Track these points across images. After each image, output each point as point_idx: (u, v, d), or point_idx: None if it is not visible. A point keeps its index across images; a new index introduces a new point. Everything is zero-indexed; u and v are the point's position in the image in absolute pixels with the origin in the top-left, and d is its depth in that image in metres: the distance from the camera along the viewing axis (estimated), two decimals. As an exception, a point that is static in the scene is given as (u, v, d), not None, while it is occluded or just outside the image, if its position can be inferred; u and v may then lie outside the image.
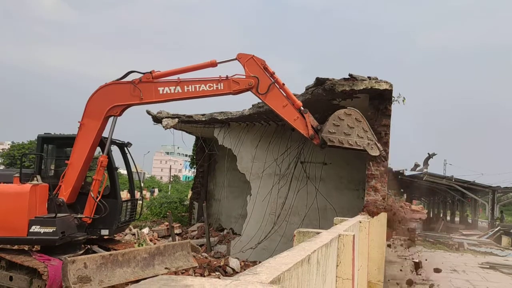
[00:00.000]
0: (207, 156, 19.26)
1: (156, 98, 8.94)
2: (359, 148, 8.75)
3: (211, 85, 8.71)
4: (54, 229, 8.30)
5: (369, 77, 10.16)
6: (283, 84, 8.87)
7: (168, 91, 8.79)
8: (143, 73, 8.90)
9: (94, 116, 8.99)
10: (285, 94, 8.80)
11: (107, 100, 8.97)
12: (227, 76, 8.71)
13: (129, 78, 9.11)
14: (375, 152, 8.87)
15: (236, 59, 8.80)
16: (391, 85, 10.02)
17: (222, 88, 8.72)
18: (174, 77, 8.90)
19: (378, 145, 8.94)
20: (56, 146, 10.49)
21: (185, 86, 8.74)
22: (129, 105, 9.14)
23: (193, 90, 8.75)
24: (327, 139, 8.56)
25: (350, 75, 10.24)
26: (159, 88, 8.81)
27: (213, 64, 8.88)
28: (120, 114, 9.14)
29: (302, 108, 8.77)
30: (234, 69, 8.95)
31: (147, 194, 38.75)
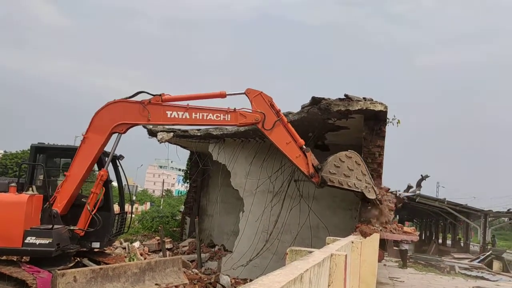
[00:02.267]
0: (201, 171, 19.24)
1: (163, 121, 9.17)
2: (357, 190, 9.09)
3: (219, 115, 8.93)
4: (51, 241, 8.22)
5: (364, 98, 10.29)
6: (288, 122, 9.17)
7: (176, 116, 8.95)
8: (153, 95, 9.04)
9: (99, 131, 9.02)
10: (289, 132, 9.04)
11: (114, 117, 9.04)
12: (235, 108, 8.93)
13: (138, 98, 9.22)
14: (372, 196, 9.19)
15: (244, 93, 9.04)
16: (386, 107, 10.15)
17: (229, 119, 8.97)
18: (184, 103, 9.04)
19: (375, 188, 9.28)
20: (48, 156, 10.45)
21: (193, 113, 8.92)
22: (135, 124, 9.24)
23: (200, 117, 8.95)
24: (328, 179, 8.86)
25: (345, 95, 10.36)
26: (167, 112, 8.96)
27: (222, 95, 9.10)
28: (125, 132, 9.22)
29: (304, 146, 9.02)
30: (239, 99, 9.23)
31: (138, 207, 38.42)
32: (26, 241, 8.21)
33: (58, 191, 9.05)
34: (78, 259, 10.14)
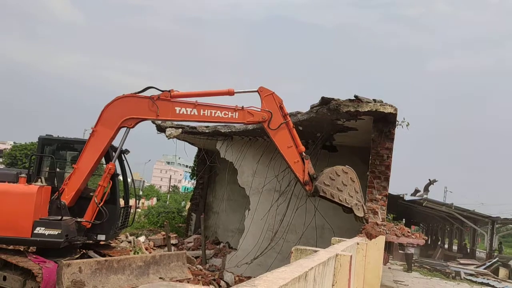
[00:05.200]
0: (208, 168, 19.27)
1: (172, 116, 9.21)
2: (347, 205, 9.21)
3: (227, 113, 9.00)
4: (59, 232, 8.28)
5: (374, 100, 10.23)
6: (293, 127, 9.21)
7: (185, 112, 9.01)
8: (162, 91, 9.09)
9: (108, 125, 9.09)
10: (292, 136, 9.09)
11: (123, 111, 9.10)
12: (242, 106, 8.98)
13: (147, 93, 9.28)
14: (360, 213, 9.32)
15: (256, 91, 9.13)
16: (395, 109, 10.08)
17: (236, 117, 9.03)
18: (192, 99, 9.09)
19: (365, 207, 9.45)
20: (55, 148, 10.52)
21: (202, 110, 8.98)
22: (144, 119, 9.30)
23: (208, 114, 9.00)
24: (321, 190, 8.95)
25: (355, 96, 10.31)
26: (176, 108, 9.01)
27: (230, 93, 9.20)
28: (133, 126, 9.28)
29: (303, 153, 9.11)
30: (247, 97, 9.32)
31: (145, 202, 38.63)
32: (35, 231, 8.27)
33: (66, 183, 9.12)
34: (84, 251, 10.22)
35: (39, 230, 8.26)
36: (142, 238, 17.10)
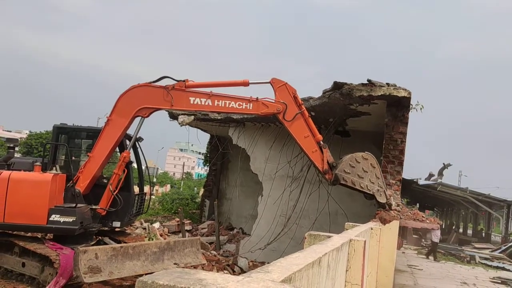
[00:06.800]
0: (221, 154, 19.33)
1: (186, 106, 9.17)
2: (368, 192, 9.11)
3: (241, 103, 8.94)
4: (74, 219, 8.41)
5: (387, 84, 10.08)
6: (309, 116, 9.10)
7: (199, 102, 8.98)
8: (177, 81, 9.07)
9: (122, 114, 9.12)
10: (308, 126, 9.00)
11: (138, 101, 9.10)
12: (257, 98, 8.90)
13: (162, 83, 9.26)
14: (382, 199, 9.20)
15: (269, 82, 9.03)
16: (409, 93, 9.93)
17: (251, 108, 8.96)
18: (207, 90, 9.04)
19: (387, 193, 9.29)
20: (70, 137, 10.63)
21: (216, 101, 8.94)
22: (158, 109, 9.30)
23: (222, 105, 8.97)
24: (341, 178, 8.87)
25: (368, 80, 10.18)
26: (190, 98, 8.99)
27: (245, 84, 9.11)
28: (148, 116, 9.28)
29: (321, 142, 9.00)
30: (261, 87, 9.19)
31: (159, 189, 38.98)
32: (50, 218, 8.40)
33: (81, 171, 9.22)
34: (100, 237, 10.37)
35: (54, 217, 8.39)
36: (156, 225, 17.29)
